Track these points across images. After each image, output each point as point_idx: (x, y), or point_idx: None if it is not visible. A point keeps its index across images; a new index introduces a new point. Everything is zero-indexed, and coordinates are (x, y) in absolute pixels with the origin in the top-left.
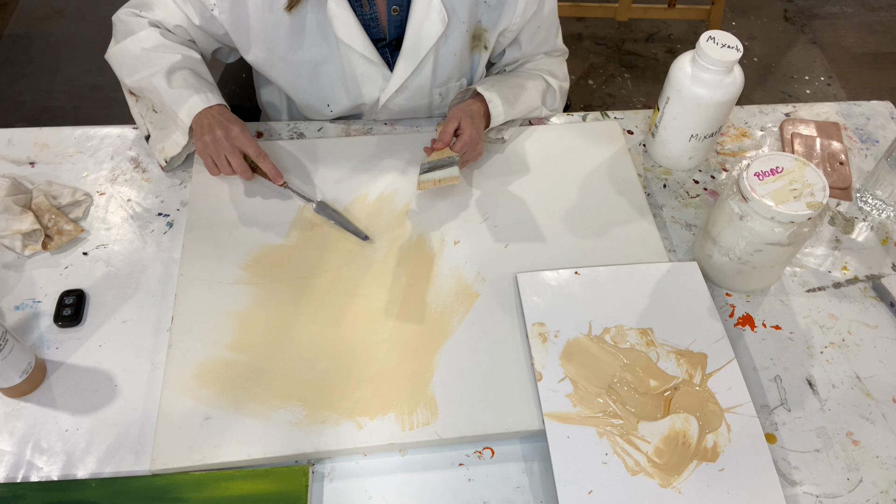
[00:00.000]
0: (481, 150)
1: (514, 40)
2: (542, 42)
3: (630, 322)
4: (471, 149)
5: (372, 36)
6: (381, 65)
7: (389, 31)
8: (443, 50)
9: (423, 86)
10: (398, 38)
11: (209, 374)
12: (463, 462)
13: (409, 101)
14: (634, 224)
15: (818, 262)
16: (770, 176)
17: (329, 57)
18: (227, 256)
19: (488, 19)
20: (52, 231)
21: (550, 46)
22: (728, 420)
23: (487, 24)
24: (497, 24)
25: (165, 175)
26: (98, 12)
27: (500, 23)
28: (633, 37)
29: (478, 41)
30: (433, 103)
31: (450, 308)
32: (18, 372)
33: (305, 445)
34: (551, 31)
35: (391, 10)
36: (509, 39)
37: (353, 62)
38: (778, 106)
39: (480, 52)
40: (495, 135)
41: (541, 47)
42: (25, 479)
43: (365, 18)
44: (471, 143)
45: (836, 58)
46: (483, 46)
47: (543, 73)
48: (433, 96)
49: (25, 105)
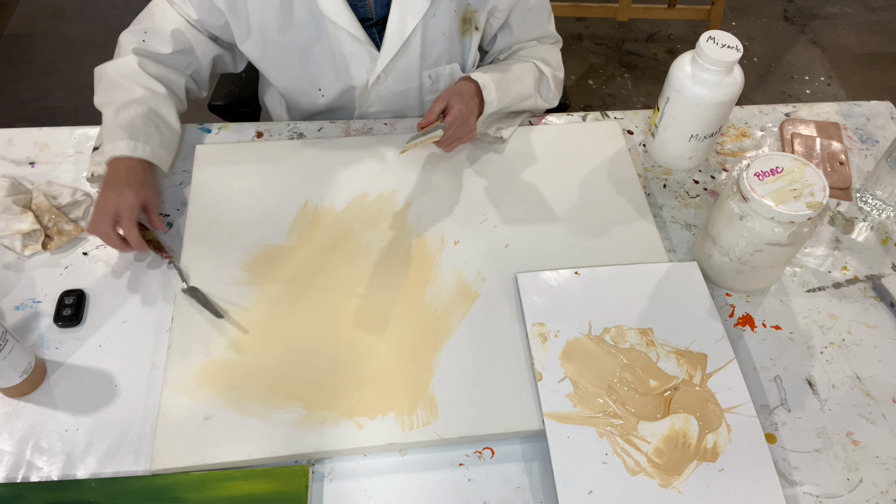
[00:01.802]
0: (474, 127)
1: (505, 23)
2: (534, 26)
3: (630, 322)
4: (461, 124)
5: (359, 16)
6: (368, 43)
7: (376, 11)
8: (431, 29)
9: (411, 67)
10: (385, 17)
11: (209, 374)
12: (463, 462)
13: (398, 84)
14: (634, 224)
15: (818, 263)
16: (770, 176)
17: (318, 37)
18: (227, 256)
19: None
20: (52, 231)
21: (542, 32)
22: (728, 420)
23: (477, 5)
24: (486, 3)
25: (165, 175)
26: (98, 12)
27: (488, 1)
28: (633, 37)
29: (468, 25)
30: (423, 86)
31: (450, 308)
32: (18, 372)
33: (305, 445)
34: (542, 15)
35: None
36: (500, 21)
37: (341, 41)
38: (778, 106)
39: (471, 35)
40: (494, 133)
41: (532, 31)
42: (25, 479)
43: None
44: (461, 117)
45: (836, 58)
46: (474, 28)
47: (536, 60)
48: (423, 79)
49: (25, 105)
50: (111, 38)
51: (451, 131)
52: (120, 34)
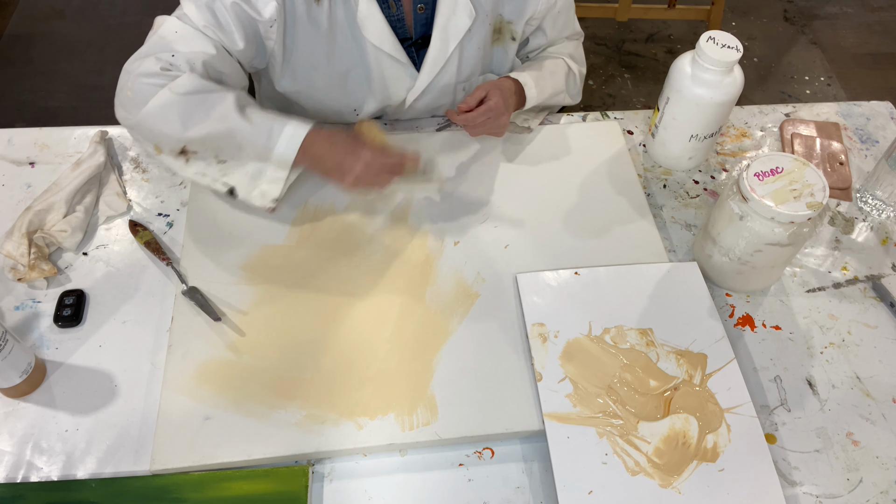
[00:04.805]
0: (506, 123)
1: (538, 28)
2: (564, 26)
3: (630, 322)
4: (495, 117)
5: (398, 36)
6: (409, 65)
7: (416, 30)
8: (467, 45)
9: (448, 83)
10: (423, 35)
11: (209, 374)
12: (463, 462)
13: (434, 100)
14: (634, 224)
15: (818, 263)
16: (770, 176)
17: (359, 61)
18: (227, 256)
19: (511, 10)
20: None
21: (571, 30)
22: (728, 420)
23: (511, 16)
24: (523, 14)
25: (166, 175)
26: (98, 12)
27: (525, 11)
28: (633, 37)
29: (499, 34)
30: (457, 100)
31: (450, 308)
32: (18, 372)
33: (305, 446)
34: (570, 14)
35: (417, 9)
36: (533, 28)
37: (382, 63)
38: (778, 106)
39: (505, 45)
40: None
41: (563, 31)
42: (25, 479)
43: (392, 19)
44: (496, 110)
45: (836, 58)
46: (510, 38)
47: (565, 57)
48: (457, 92)
49: (25, 105)
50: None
51: (482, 119)
52: None
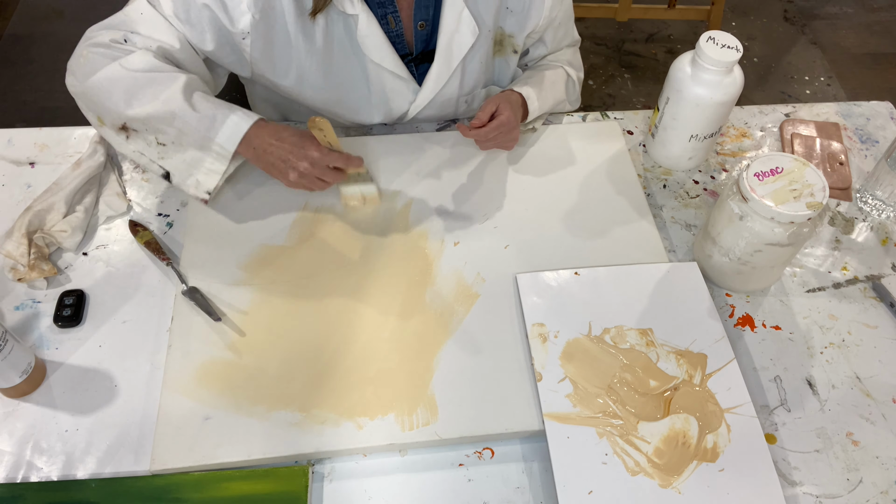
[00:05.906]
0: (516, 138)
1: (539, 39)
2: (564, 36)
3: (630, 322)
4: (506, 132)
5: (398, 52)
6: (410, 80)
7: (416, 46)
8: (470, 60)
9: (450, 97)
10: (423, 51)
11: (209, 374)
12: (463, 462)
13: (436, 113)
14: (634, 224)
15: (818, 263)
16: (770, 176)
17: (360, 77)
18: (227, 256)
19: (512, 24)
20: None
21: (571, 39)
22: (728, 420)
23: (512, 30)
24: (524, 28)
25: None
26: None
27: (527, 26)
28: (633, 37)
29: (500, 46)
30: (458, 111)
31: (450, 308)
32: (18, 372)
33: (305, 446)
34: (569, 24)
35: (417, 26)
36: (534, 40)
37: (383, 79)
38: (778, 106)
39: (507, 57)
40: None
41: (563, 41)
42: (25, 479)
43: (391, 35)
44: (508, 124)
45: (836, 58)
46: (511, 51)
47: (563, 65)
48: (459, 104)
49: (26, 105)
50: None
51: (494, 134)
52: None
